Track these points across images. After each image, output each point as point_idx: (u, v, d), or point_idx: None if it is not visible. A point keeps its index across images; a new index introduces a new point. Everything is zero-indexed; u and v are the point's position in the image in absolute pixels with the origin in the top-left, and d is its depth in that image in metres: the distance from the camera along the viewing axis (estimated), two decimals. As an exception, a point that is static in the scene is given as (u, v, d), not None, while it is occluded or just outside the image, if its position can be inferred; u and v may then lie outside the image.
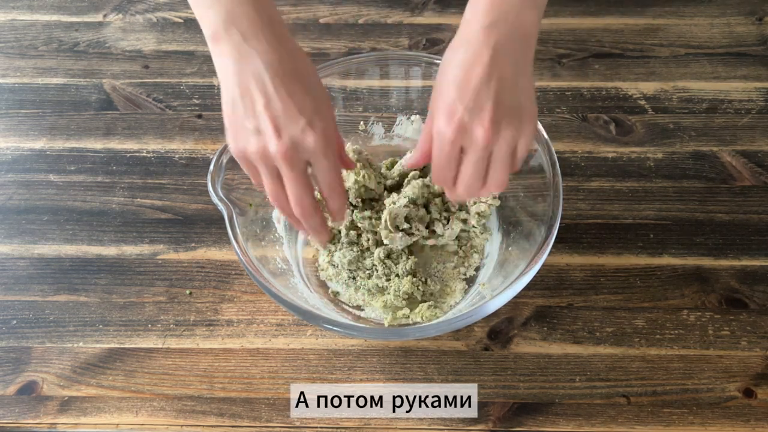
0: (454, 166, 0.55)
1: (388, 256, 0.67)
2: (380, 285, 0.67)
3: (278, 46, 0.52)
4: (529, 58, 0.53)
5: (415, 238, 0.67)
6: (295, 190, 0.53)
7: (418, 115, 0.76)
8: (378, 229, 0.67)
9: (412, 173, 0.70)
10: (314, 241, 0.62)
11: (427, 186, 0.68)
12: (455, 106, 0.52)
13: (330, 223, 0.64)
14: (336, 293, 0.69)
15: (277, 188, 0.54)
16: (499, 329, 0.67)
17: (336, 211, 0.57)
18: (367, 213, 0.68)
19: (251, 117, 0.52)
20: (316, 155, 0.53)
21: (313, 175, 0.55)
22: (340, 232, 0.68)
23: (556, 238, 0.60)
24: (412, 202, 0.67)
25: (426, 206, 0.68)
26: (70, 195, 0.78)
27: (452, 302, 0.68)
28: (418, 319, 0.66)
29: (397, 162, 0.74)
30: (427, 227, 0.67)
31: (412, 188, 0.67)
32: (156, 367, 0.66)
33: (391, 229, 0.66)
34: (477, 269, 0.70)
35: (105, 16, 0.96)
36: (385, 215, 0.66)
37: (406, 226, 0.66)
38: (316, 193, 0.57)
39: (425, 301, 0.66)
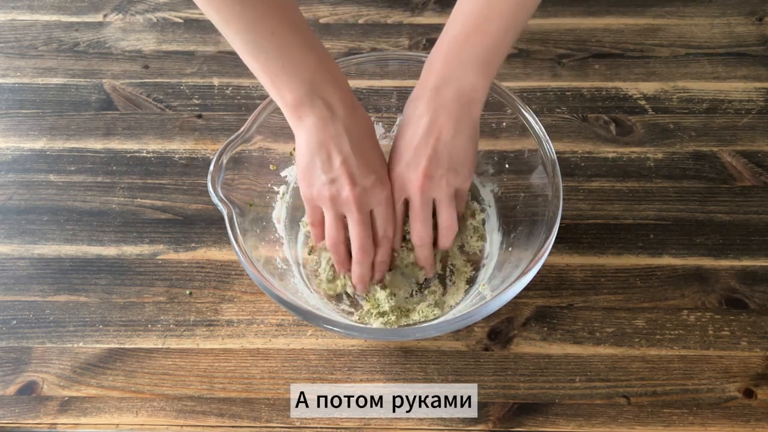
0: (397, 216, 0.64)
1: None
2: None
3: (352, 111, 0.60)
4: (470, 119, 0.60)
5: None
6: (360, 232, 0.61)
7: (418, 115, 0.76)
8: None
9: None
10: (355, 286, 0.67)
11: None
12: (395, 164, 0.62)
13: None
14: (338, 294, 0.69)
15: (337, 230, 0.63)
16: (499, 329, 0.67)
17: (380, 262, 0.65)
18: None
19: (328, 171, 0.59)
20: (382, 204, 0.62)
21: (374, 221, 0.63)
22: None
23: (556, 238, 0.60)
24: None
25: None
26: (70, 195, 0.78)
27: (452, 302, 0.68)
28: (418, 319, 0.66)
29: None
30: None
31: None
32: (156, 367, 0.66)
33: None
34: (477, 269, 0.70)
35: (105, 16, 0.96)
36: None
37: None
38: None
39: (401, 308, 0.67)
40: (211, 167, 0.64)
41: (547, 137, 0.65)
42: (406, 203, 0.64)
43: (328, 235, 0.63)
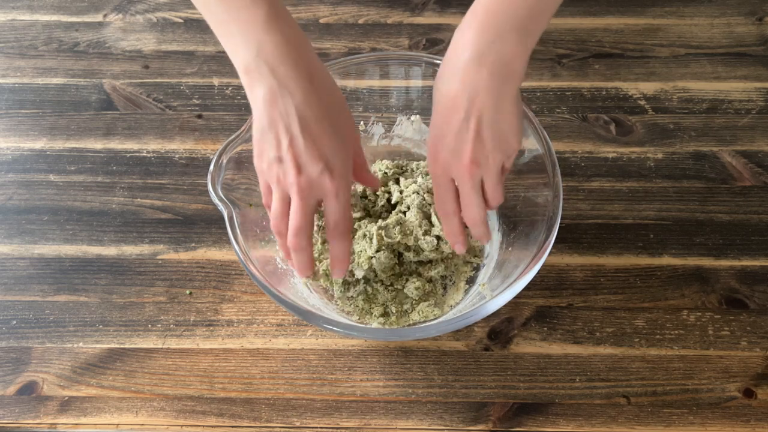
0: (449, 198, 0.60)
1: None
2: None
3: (308, 84, 0.54)
4: (511, 92, 0.55)
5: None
6: (297, 220, 0.56)
7: (418, 115, 0.76)
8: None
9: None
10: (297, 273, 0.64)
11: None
12: (439, 149, 0.57)
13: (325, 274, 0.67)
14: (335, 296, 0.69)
15: (281, 211, 0.57)
16: (499, 329, 0.67)
17: (337, 257, 0.59)
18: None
19: (275, 148, 0.55)
20: (329, 197, 0.56)
21: (324, 213, 0.58)
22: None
23: (556, 238, 0.60)
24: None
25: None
26: (70, 195, 0.78)
27: (452, 302, 0.68)
28: (418, 319, 0.66)
29: (393, 167, 0.74)
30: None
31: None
32: (156, 367, 0.66)
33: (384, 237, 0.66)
34: (477, 269, 0.70)
35: (105, 16, 0.96)
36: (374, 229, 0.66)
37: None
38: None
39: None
40: (211, 167, 0.64)
41: (547, 137, 0.65)
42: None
43: (273, 212, 0.58)
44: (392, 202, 0.70)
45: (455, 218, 0.61)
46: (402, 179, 0.72)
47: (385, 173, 0.73)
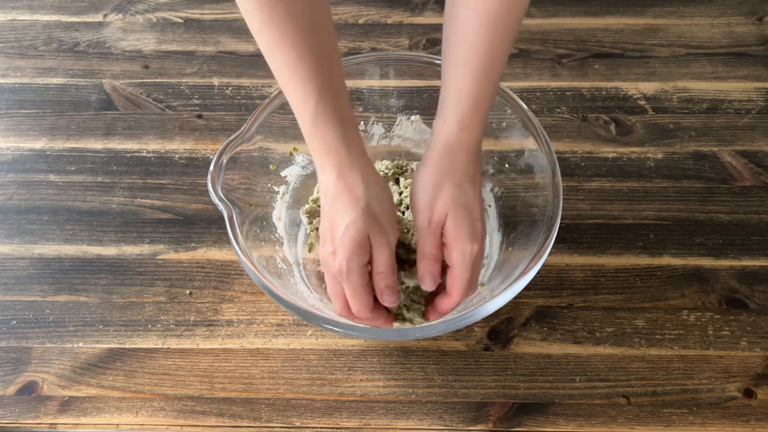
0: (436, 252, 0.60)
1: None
2: None
3: (362, 195, 0.56)
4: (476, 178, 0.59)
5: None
6: (354, 302, 0.58)
7: (418, 115, 0.76)
8: None
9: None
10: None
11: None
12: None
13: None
14: None
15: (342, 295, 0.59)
16: (500, 329, 0.67)
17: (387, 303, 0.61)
18: None
19: (331, 245, 0.57)
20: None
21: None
22: None
23: (556, 238, 0.60)
24: None
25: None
26: (70, 195, 0.78)
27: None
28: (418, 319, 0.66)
29: (393, 167, 0.74)
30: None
31: None
32: (156, 367, 0.66)
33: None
34: (477, 269, 0.70)
35: (105, 16, 0.96)
36: None
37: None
38: None
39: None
40: (211, 167, 0.64)
41: (547, 137, 0.65)
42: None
43: (335, 295, 0.60)
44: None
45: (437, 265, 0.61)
46: (402, 179, 0.72)
47: (385, 173, 0.73)
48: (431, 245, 0.58)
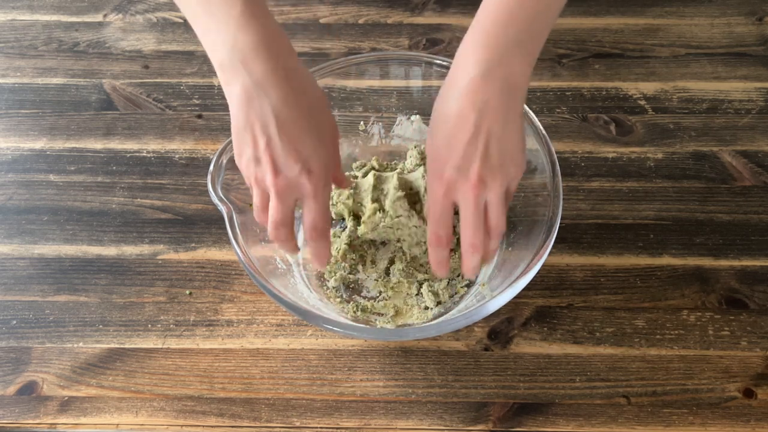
0: (446, 224, 0.57)
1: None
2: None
3: (284, 82, 0.53)
4: (517, 109, 0.55)
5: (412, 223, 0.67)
6: (276, 216, 0.56)
7: (418, 116, 0.76)
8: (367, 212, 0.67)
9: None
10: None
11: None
12: (445, 166, 0.55)
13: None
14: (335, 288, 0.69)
15: (262, 206, 0.58)
16: (499, 329, 0.67)
17: (317, 256, 0.59)
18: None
19: (253, 149, 0.54)
20: (307, 198, 0.56)
21: (302, 213, 0.57)
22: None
23: (556, 238, 0.60)
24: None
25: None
26: (70, 195, 0.78)
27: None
28: (417, 319, 0.66)
29: (393, 167, 0.74)
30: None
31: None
32: (156, 367, 0.66)
33: (401, 192, 0.66)
34: (477, 269, 0.70)
35: (105, 16, 0.96)
36: (394, 181, 0.67)
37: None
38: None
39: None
40: (211, 167, 0.64)
41: (548, 137, 0.65)
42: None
43: (255, 205, 0.58)
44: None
45: (446, 250, 0.59)
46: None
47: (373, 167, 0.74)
48: (445, 225, 0.57)
